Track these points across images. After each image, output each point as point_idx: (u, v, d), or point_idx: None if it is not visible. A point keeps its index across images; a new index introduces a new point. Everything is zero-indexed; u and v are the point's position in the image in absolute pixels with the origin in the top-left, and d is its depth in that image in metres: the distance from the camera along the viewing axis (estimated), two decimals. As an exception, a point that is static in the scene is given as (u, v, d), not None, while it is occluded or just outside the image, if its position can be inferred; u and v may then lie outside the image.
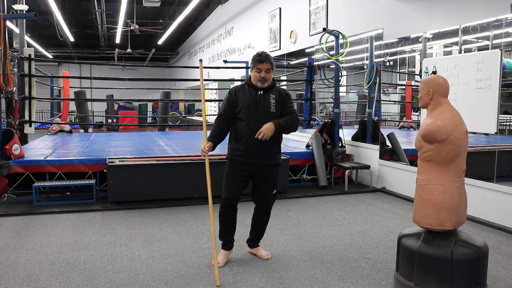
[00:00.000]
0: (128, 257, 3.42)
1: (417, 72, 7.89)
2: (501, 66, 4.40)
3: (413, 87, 8.40)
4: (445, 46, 6.42)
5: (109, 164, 5.10)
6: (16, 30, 8.44)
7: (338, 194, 5.76)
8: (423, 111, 5.46)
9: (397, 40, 6.45)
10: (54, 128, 9.56)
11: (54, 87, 12.97)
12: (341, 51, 6.41)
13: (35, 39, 17.75)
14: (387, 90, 9.09)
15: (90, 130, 14.69)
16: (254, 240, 3.45)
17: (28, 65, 6.72)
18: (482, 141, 6.44)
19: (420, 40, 6.60)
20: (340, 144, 6.58)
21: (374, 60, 6.61)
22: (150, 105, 23.62)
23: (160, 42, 19.25)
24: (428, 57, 6.47)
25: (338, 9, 7.49)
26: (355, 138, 6.88)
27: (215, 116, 3.35)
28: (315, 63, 8.28)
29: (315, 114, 8.07)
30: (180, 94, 24.69)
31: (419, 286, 2.66)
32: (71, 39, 18.06)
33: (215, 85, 16.36)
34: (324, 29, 6.53)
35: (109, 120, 18.62)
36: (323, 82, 7.26)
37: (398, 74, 9.21)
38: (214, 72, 14.97)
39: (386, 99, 9.05)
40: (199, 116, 19.15)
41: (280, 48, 9.90)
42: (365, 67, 7.23)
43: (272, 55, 10.31)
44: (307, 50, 9.14)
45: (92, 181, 5.30)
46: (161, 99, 16.25)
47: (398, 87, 9.46)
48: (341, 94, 7.28)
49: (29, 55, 6.79)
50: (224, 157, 3.47)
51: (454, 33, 5.55)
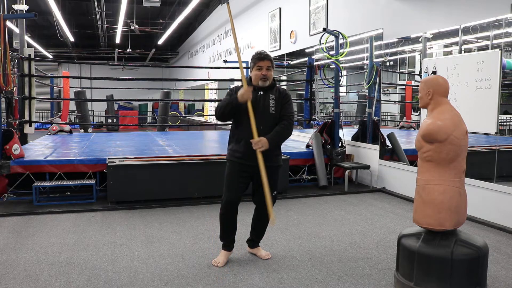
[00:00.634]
0: (128, 257, 3.42)
1: (417, 72, 7.89)
2: (501, 66, 4.39)
3: (413, 87, 8.40)
4: (445, 46, 6.42)
5: (109, 164, 5.10)
6: (16, 30, 8.44)
7: (338, 194, 5.76)
8: (423, 111, 5.46)
9: (397, 40, 6.45)
10: (54, 128, 9.56)
11: (54, 87, 12.98)
12: (341, 51, 6.40)
13: (35, 39, 17.76)
14: (387, 90, 9.09)
15: (90, 130, 14.68)
16: (254, 241, 3.45)
17: (28, 65, 6.73)
18: (482, 141, 6.45)
19: (420, 40, 6.61)
20: (340, 144, 6.58)
21: (374, 60, 6.61)
22: (150, 105, 23.63)
23: (160, 42, 19.26)
24: (428, 57, 6.47)
25: (338, 9, 7.49)
26: (355, 138, 6.88)
27: (215, 114, 3.27)
28: (315, 63, 8.29)
29: (315, 114, 8.07)
30: (180, 94, 24.69)
31: (419, 286, 2.66)
32: (71, 39, 18.07)
33: (215, 85, 16.37)
34: (324, 29, 6.53)
35: (109, 120, 18.62)
36: (323, 82, 7.26)
37: (398, 74, 9.21)
38: (214, 72, 14.99)
39: (386, 99, 9.05)
40: (199, 116, 19.17)
41: (280, 48, 9.90)
42: (365, 67, 7.23)
43: (272, 55, 10.30)
44: (307, 50, 9.14)
45: (92, 181, 5.30)
46: (161, 99, 16.25)
47: (398, 87, 9.47)
48: (341, 94, 7.28)
49: (29, 55, 6.80)
50: (224, 157, 3.46)
51: (454, 33, 5.55)
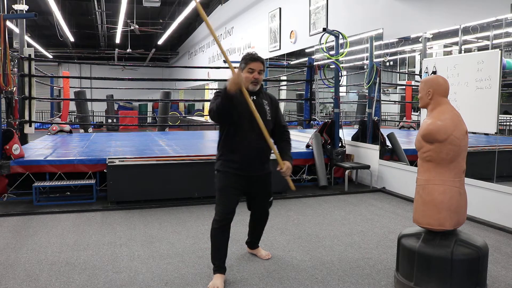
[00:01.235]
0: (128, 257, 3.42)
1: (417, 72, 7.90)
2: (501, 66, 4.40)
3: (413, 87, 8.41)
4: (445, 46, 6.42)
5: (109, 164, 5.10)
6: (16, 30, 8.44)
7: (338, 194, 5.76)
8: (423, 111, 5.46)
9: (397, 40, 6.45)
10: (54, 128, 9.56)
11: (54, 87, 12.99)
12: (341, 51, 6.40)
13: (35, 39, 17.75)
14: (387, 90, 9.10)
15: (90, 130, 14.68)
16: (254, 242, 3.44)
17: (28, 65, 6.73)
18: (482, 141, 6.45)
19: (420, 40, 6.61)
20: (340, 144, 6.57)
21: (374, 60, 6.61)
22: (150, 105, 23.62)
23: (160, 42, 19.25)
24: (428, 57, 6.48)
25: (338, 9, 7.49)
26: (355, 138, 6.88)
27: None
28: (315, 63, 8.30)
29: (315, 114, 8.08)
30: (180, 94, 24.69)
31: (419, 286, 2.66)
32: (71, 39, 18.06)
33: (215, 85, 16.37)
34: (324, 29, 6.53)
35: (109, 120, 18.61)
36: (323, 82, 7.27)
37: (398, 74, 9.22)
38: (214, 72, 14.98)
39: (386, 99, 9.06)
40: (199, 116, 19.16)
41: (280, 48, 9.90)
42: (365, 67, 7.24)
43: (272, 55, 10.47)
44: (307, 50, 9.14)
45: (92, 181, 5.30)
46: (161, 99, 16.24)
47: (398, 87, 9.48)
48: (341, 94, 7.29)
49: (29, 55, 6.80)
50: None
51: (454, 33, 5.55)
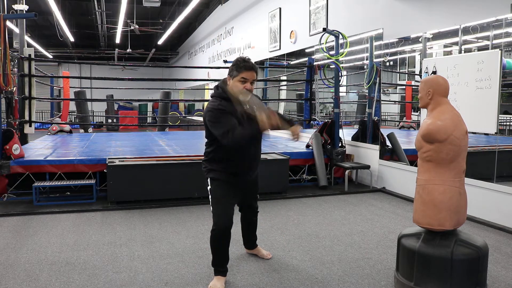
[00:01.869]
0: (128, 257, 3.42)
1: (417, 72, 7.90)
2: (501, 66, 4.40)
3: (413, 87, 8.41)
4: (445, 46, 6.42)
5: (109, 164, 5.10)
6: (16, 30, 8.44)
7: (338, 194, 5.76)
8: (423, 111, 5.46)
9: (397, 40, 6.45)
10: (54, 128, 9.57)
11: (54, 87, 12.98)
12: (341, 51, 6.40)
13: (35, 39, 17.75)
14: (387, 90, 9.10)
15: (90, 130, 14.68)
16: (252, 241, 3.42)
17: (28, 65, 6.73)
18: (482, 141, 6.45)
19: (420, 40, 6.61)
20: (340, 144, 6.57)
21: (374, 60, 6.61)
22: (150, 105, 23.62)
23: (160, 42, 19.25)
24: (428, 57, 6.48)
25: (338, 9, 7.49)
26: (355, 138, 6.88)
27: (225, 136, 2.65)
28: (315, 63, 8.29)
29: (315, 114, 8.07)
30: (180, 94, 24.69)
31: (419, 286, 2.66)
32: (71, 39, 18.06)
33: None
34: (324, 29, 6.53)
35: (109, 120, 18.61)
36: (323, 82, 7.27)
37: (398, 74, 9.22)
38: (214, 72, 14.97)
39: (386, 99, 9.06)
40: (199, 116, 19.16)
41: (280, 48, 9.90)
42: (365, 67, 7.24)
43: (272, 55, 10.47)
44: (307, 50, 9.14)
45: (92, 181, 5.30)
46: (161, 99, 16.24)
47: (398, 87, 9.48)
48: (341, 94, 7.28)
49: (29, 55, 6.80)
50: None
51: (454, 33, 5.55)
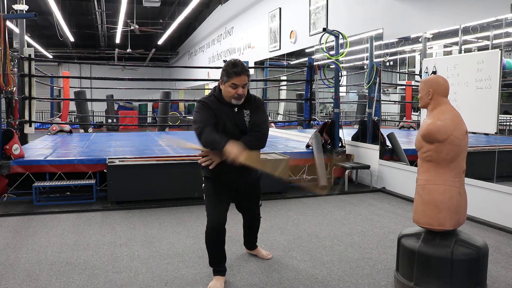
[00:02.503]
0: (128, 257, 3.42)
1: (417, 72, 7.90)
2: (501, 66, 4.40)
3: (413, 87, 8.41)
4: (445, 46, 6.42)
5: (109, 164, 5.10)
6: (16, 30, 8.44)
7: (338, 194, 5.76)
8: (423, 111, 5.46)
9: (397, 40, 6.45)
10: (54, 128, 9.57)
11: (54, 87, 12.99)
12: (341, 51, 6.40)
13: (35, 39, 17.75)
14: (387, 90, 9.10)
15: (90, 130, 14.67)
16: (252, 242, 3.42)
17: (28, 65, 6.74)
18: (482, 141, 6.45)
19: (420, 40, 6.61)
20: (340, 144, 6.58)
21: (374, 60, 6.61)
22: (150, 105, 23.60)
23: (160, 42, 19.25)
24: (428, 57, 6.48)
25: (338, 9, 7.49)
26: (355, 138, 6.88)
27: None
28: (315, 63, 8.30)
29: (315, 114, 8.07)
30: (180, 94, 24.69)
31: (419, 286, 2.66)
32: (71, 39, 18.07)
33: (215, 85, 16.36)
34: (324, 29, 6.53)
35: (109, 120, 18.60)
36: (323, 82, 7.27)
37: (398, 74, 9.22)
38: (214, 72, 14.96)
39: (386, 99, 9.06)
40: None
41: (280, 48, 9.90)
42: (365, 67, 7.24)
43: (272, 55, 10.47)
44: (307, 50, 9.14)
45: (92, 181, 5.30)
46: (161, 99, 16.24)
47: (398, 87, 9.48)
48: (341, 94, 7.28)
49: (29, 55, 6.80)
50: None
51: (454, 33, 5.55)
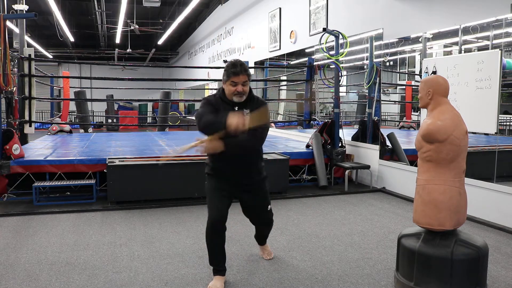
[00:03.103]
0: (128, 257, 3.42)
1: (417, 72, 7.89)
2: (501, 66, 4.40)
3: (413, 87, 8.40)
4: (445, 46, 6.42)
5: (109, 164, 5.10)
6: (16, 30, 8.44)
7: (338, 194, 5.76)
8: (423, 111, 5.46)
9: (397, 40, 6.45)
10: (54, 128, 9.57)
11: (54, 87, 13.00)
12: (341, 51, 6.40)
13: (35, 39, 17.76)
14: (387, 90, 9.10)
15: (90, 130, 14.67)
16: (261, 239, 3.42)
17: (28, 65, 6.74)
18: (482, 141, 6.44)
19: (420, 40, 6.61)
20: (340, 144, 6.58)
21: (374, 60, 6.61)
22: (150, 105, 23.61)
23: (160, 42, 19.26)
24: (428, 57, 6.47)
25: (338, 9, 7.49)
26: (355, 138, 6.88)
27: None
28: (315, 63, 8.30)
29: (315, 114, 8.08)
30: (180, 94, 24.68)
31: (419, 286, 2.66)
32: (71, 39, 18.07)
33: (215, 85, 16.37)
34: (324, 29, 6.53)
35: (109, 120, 18.60)
36: (323, 82, 7.27)
37: (398, 74, 9.22)
38: (214, 72, 14.97)
39: (386, 99, 9.05)
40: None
41: (280, 48, 9.90)
42: (365, 67, 7.24)
43: (272, 55, 10.46)
44: (307, 50, 9.14)
45: (92, 181, 5.30)
46: (161, 99, 16.25)
47: (398, 87, 9.47)
48: (341, 94, 7.28)
49: (29, 55, 6.81)
50: None
51: (454, 33, 5.55)
